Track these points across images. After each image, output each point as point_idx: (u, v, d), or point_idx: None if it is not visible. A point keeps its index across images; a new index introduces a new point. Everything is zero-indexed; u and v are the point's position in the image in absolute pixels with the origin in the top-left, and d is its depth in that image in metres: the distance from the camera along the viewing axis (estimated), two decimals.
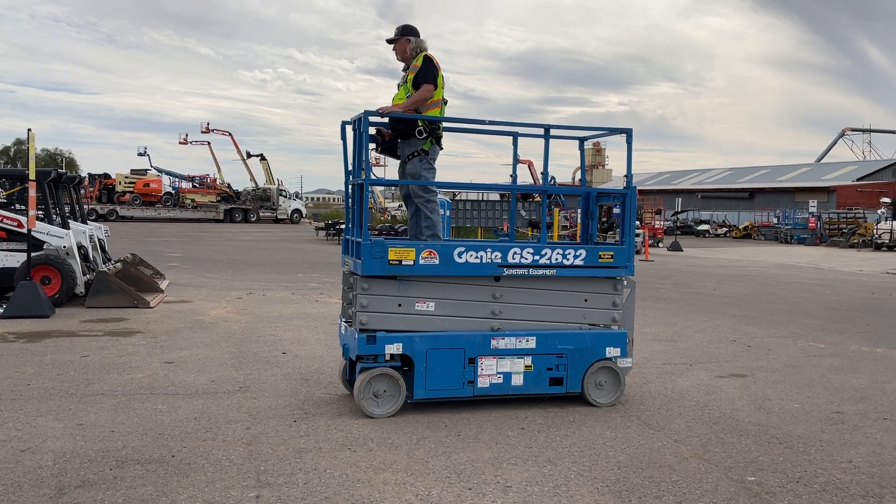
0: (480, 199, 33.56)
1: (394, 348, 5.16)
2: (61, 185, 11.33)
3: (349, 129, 5.51)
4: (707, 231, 48.43)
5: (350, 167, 5.54)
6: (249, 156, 56.17)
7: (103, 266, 10.99)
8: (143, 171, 51.62)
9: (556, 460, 4.37)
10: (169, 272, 13.90)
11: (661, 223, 36.06)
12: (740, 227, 48.03)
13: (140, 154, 54.91)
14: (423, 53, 5.74)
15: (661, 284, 15.17)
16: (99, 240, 11.68)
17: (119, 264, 11.46)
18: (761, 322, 10.19)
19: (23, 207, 10.18)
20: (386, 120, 5.81)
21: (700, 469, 4.31)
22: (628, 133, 5.69)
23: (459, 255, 5.23)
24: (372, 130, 5.72)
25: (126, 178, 48.34)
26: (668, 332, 9.14)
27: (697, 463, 4.41)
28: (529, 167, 52.36)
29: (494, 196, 37.76)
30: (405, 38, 5.86)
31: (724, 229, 48.89)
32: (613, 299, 5.65)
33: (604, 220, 29.87)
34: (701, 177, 66.06)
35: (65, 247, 9.97)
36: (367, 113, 5.27)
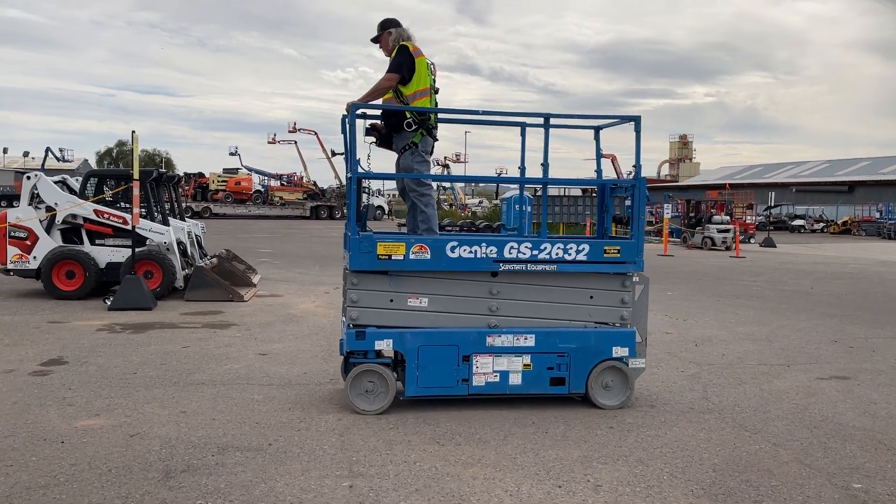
0: (563, 194, 33.17)
1: (384, 344, 5.10)
2: (161, 184, 11.89)
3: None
4: (802, 226, 46.34)
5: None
6: (334, 154, 57.20)
7: (200, 261, 11.46)
8: (235, 170, 53.62)
9: (648, 461, 4.29)
10: (260, 267, 14.39)
11: (753, 218, 34.70)
12: (839, 222, 45.72)
13: (231, 154, 57.11)
14: (400, 44, 5.61)
15: (754, 282, 14.62)
16: (196, 236, 12.20)
17: (215, 259, 11.94)
18: (864, 322, 9.67)
19: (127, 205, 10.73)
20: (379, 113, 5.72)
21: (801, 474, 4.13)
22: (637, 121, 5.41)
23: (452, 249, 5.08)
24: (368, 125, 5.69)
25: (219, 176, 50.31)
26: (763, 331, 8.80)
27: (798, 468, 4.24)
28: (613, 161, 51.47)
29: (576, 191, 37.26)
30: (387, 32, 5.75)
31: (821, 224, 46.64)
32: (622, 296, 5.36)
33: (692, 214, 29.01)
34: (795, 169, 63.21)
35: (165, 243, 10.48)
36: (354, 105, 5.20)
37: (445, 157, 61.25)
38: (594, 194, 32.84)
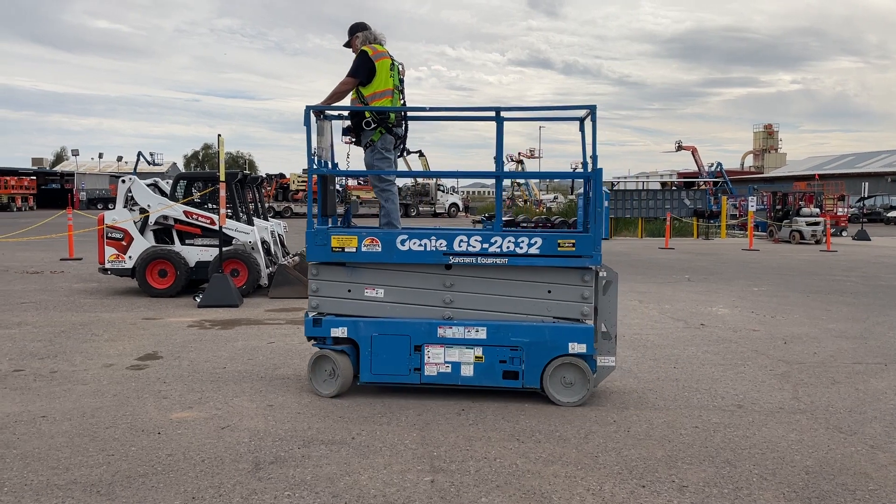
0: (640, 188, 32.48)
1: (338, 332, 5.32)
2: (246, 185, 12.30)
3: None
4: None
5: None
6: (409, 152, 57.85)
7: (283, 260, 11.81)
8: None
9: (736, 462, 4.17)
10: None
11: (845, 210, 33.08)
12: None
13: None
14: (362, 48, 5.97)
15: (847, 277, 13.95)
16: (279, 235, 12.57)
17: (297, 258, 12.25)
18: None
19: (214, 206, 11.14)
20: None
21: None
22: (592, 110, 5.27)
23: (402, 242, 5.21)
24: (344, 126, 6.12)
25: (299, 177, 51.56)
26: (858, 328, 8.39)
27: None
28: (693, 153, 50.02)
29: (655, 185, 36.44)
30: (355, 36, 6.16)
31: None
32: (582, 292, 5.18)
33: (779, 207, 27.91)
34: (890, 158, 59.88)
35: (251, 242, 10.84)
36: (308, 108, 5.44)
37: (519, 153, 60.94)
38: (673, 188, 32.02)
